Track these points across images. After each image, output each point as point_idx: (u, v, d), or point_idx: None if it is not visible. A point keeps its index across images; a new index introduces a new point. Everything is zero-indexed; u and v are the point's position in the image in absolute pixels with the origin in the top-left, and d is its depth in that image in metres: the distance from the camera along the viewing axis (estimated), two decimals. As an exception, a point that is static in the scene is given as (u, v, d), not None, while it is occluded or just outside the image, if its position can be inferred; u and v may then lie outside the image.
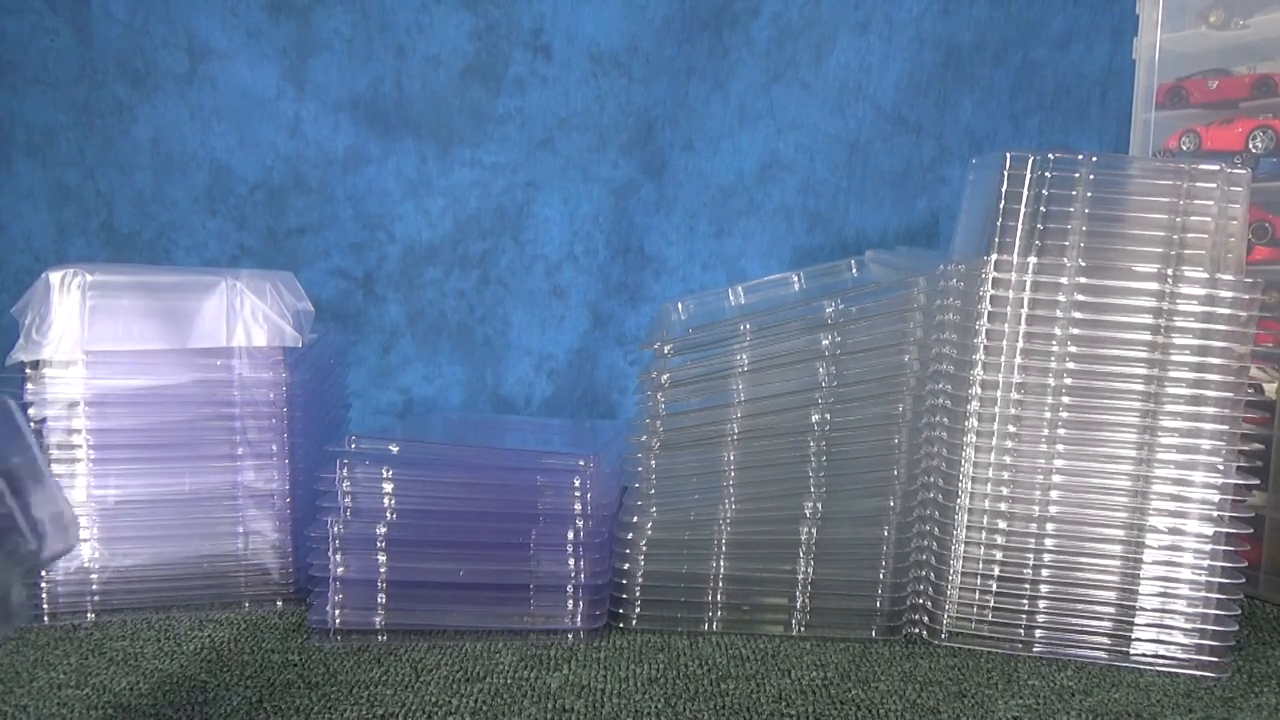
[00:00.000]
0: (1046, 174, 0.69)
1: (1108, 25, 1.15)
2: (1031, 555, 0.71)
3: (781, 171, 1.12)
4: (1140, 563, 0.70)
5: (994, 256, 0.70)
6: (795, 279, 0.95)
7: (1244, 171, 0.68)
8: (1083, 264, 0.69)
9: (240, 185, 1.05)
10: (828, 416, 0.73)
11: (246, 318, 0.76)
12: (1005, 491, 0.71)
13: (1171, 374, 0.69)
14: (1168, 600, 0.70)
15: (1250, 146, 0.90)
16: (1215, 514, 0.69)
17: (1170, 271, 0.68)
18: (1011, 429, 0.71)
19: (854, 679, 0.67)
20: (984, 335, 0.70)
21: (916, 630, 0.74)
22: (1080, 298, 0.69)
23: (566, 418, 1.12)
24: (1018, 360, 0.70)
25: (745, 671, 0.67)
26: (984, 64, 1.14)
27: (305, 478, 0.78)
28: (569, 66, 1.07)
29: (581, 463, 0.72)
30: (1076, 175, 0.69)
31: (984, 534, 0.72)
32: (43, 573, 0.58)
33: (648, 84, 1.08)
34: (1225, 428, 0.69)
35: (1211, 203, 0.68)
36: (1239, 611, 0.69)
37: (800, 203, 1.13)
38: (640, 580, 0.74)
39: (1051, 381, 0.70)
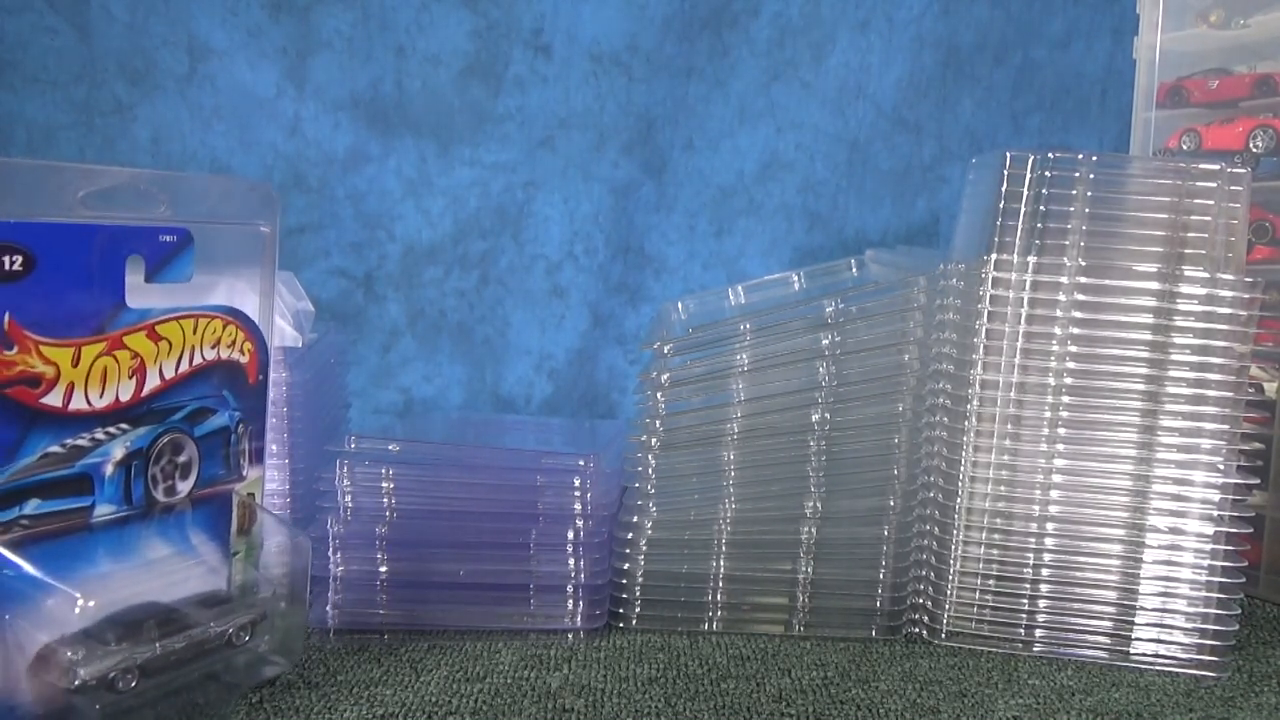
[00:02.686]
0: (1046, 173, 0.69)
1: (1108, 25, 1.15)
2: (1031, 555, 0.71)
3: (781, 171, 1.12)
4: (1140, 563, 0.70)
5: (994, 256, 0.70)
6: (795, 279, 0.95)
7: (1244, 171, 0.68)
8: (1083, 264, 0.69)
9: (240, 185, 1.05)
10: (828, 416, 0.73)
11: (247, 317, 0.76)
12: (1005, 491, 0.71)
13: (1171, 374, 0.69)
14: (1168, 600, 0.70)
15: (1251, 146, 0.90)
16: (1215, 514, 0.69)
17: (1170, 271, 0.68)
18: (1011, 429, 0.71)
19: (854, 679, 0.67)
20: (984, 335, 0.70)
21: (916, 630, 0.74)
22: (1080, 297, 0.69)
23: (566, 417, 1.12)
24: (1018, 360, 0.70)
25: (745, 671, 0.67)
26: (984, 64, 1.14)
27: (305, 478, 0.78)
28: (569, 66, 1.07)
29: (581, 463, 0.72)
30: (1076, 175, 0.69)
31: (984, 534, 0.72)
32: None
33: (648, 83, 1.08)
34: (1225, 428, 0.69)
35: (1212, 202, 0.68)
36: (1239, 611, 0.69)
37: (800, 202, 1.13)
38: (640, 580, 0.74)
39: (1051, 381, 0.70)
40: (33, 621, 0.50)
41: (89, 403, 0.53)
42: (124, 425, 0.55)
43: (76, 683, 0.50)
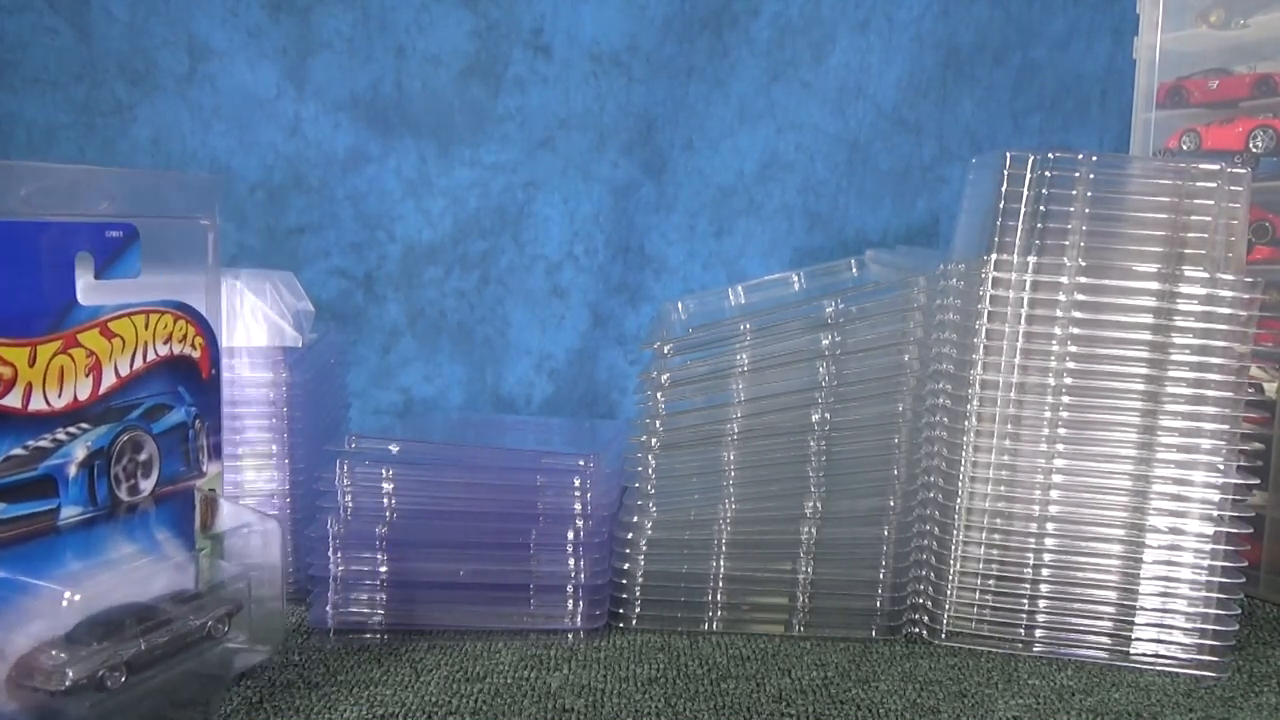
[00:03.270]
0: (1046, 173, 0.69)
1: (1108, 25, 1.15)
2: (1031, 555, 0.71)
3: (781, 171, 1.12)
4: (1140, 563, 0.70)
5: (994, 256, 0.70)
6: (795, 279, 0.95)
7: (1244, 171, 0.68)
8: (1083, 264, 0.69)
9: (240, 185, 1.05)
10: (828, 416, 0.73)
11: (246, 317, 0.76)
12: (1005, 491, 0.71)
13: (1171, 374, 0.69)
14: (1168, 600, 0.70)
15: (1251, 146, 0.90)
16: (1215, 514, 0.69)
17: (1170, 271, 0.68)
18: (1011, 429, 0.71)
19: (854, 679, 0.67)
20: (984, 335, 0.70)
21: (916, 630, 0.74)
22: (1080, 298, 0.69)
23: (566, 418, 1.12)
24: (1018, 360, 0.70)
25: (745, 671, 0.67)
26: (984, 64, 1.14)
27: (305, 478, 0.78)
28: (569, 66, 1.07)
29: (581, 463, 0.72)
30: (1076, 175, 0.69)
31: (984, 534, 0.72)
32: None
33: (648, 84, 1.08)
34: (1225, 428, 0.69)
35: (1212, 202, 0.68)
36: (1239, 611, 0.69)
37: (800, 202, 1.13)
38: (640, 580, 0.74)
39: (1051, 381, 0.70)
40: (10, 626, 0.50)
41: (48, 403, 0.52)
42: (84, 425, 0.54)
43: (66, 684, 0.49)
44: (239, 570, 0.62)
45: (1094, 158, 0.70)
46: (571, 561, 0.72)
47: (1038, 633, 0.72)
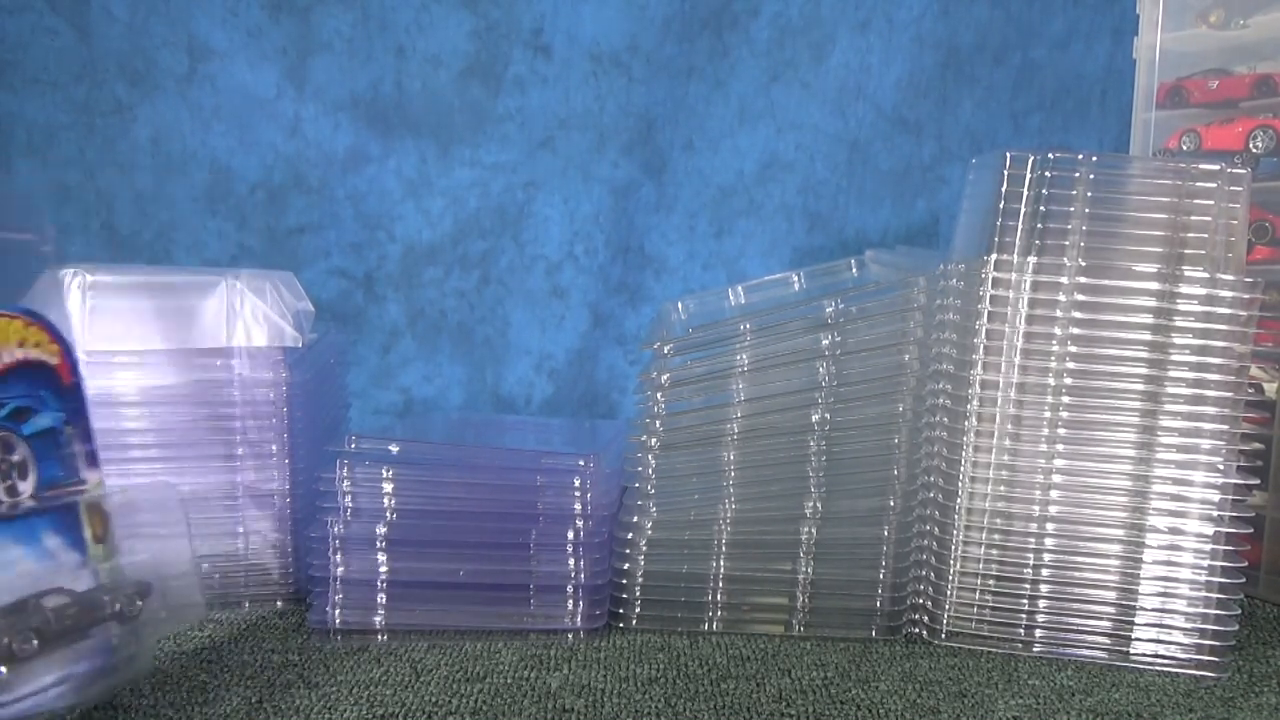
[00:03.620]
0: (1046, 174, 0.69)
1: (1108, 25, 1.15)
2: (1031, 555, 0.71)
3: (781, 171, 1.12)
4: (1140, 563, 0.70)
5: (994, 256, 0.70)
6: (795, 279, 0.95)
7: (1244, 171, 0.68)
8: (1083, 264, 0.69)
9: (240, 185, 1.05)
10: (828, 416, 0.73)
11: (246, 318, 0.76)
12: (1005, 491, 0.71)
13: (1171, 374, 0.69)
14: (1168, 600, 0.70)
15: (1250, 146, 0.90)
16: (1215, 514, 0.69)
17: (1170, 271, 0.68)
18: (1011, 429, 0.71)
19: (854, 679, 0.67)
20: (984, 335, 0.70)
21: (916, 630, 0.74)
22: (1080, 298, 0.69)
23: (566, 418, 1.12)
24: (1018, 360, 0.70)
25: (745, 671, 0.67)
26: (984, 64, 1.14)
27: (305, 478, 0.78)
28: (569, 66, 1.07)
29: (581, 463, 0.72)
30: (1076, 175, 0.69)
31: (984, 534, 0.72)
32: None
33: (648, 84, 1.08)
34: (1225, 428, 0.69)
35: (1212, 202, 0.68)
36: (1239, 611, 0.69)
37: (800, 203, 1.13)
38: (640, 580, 0.74)
39: (1051, 381, 0.70)
40: None
41: None
42: None
43: None
44: (141, 562, 0.60)
45: (1094, 158, 0.70)
46: (571, 561, 0.72)
47: (1038, 633, 0.72)
